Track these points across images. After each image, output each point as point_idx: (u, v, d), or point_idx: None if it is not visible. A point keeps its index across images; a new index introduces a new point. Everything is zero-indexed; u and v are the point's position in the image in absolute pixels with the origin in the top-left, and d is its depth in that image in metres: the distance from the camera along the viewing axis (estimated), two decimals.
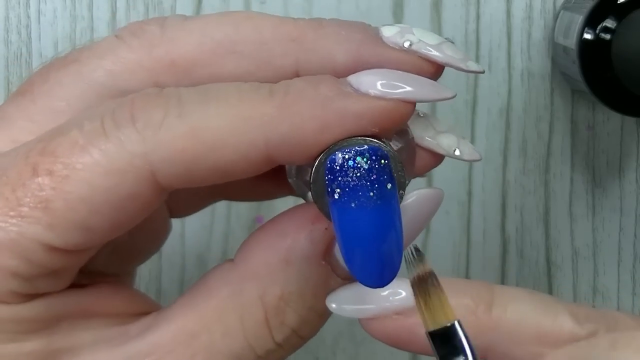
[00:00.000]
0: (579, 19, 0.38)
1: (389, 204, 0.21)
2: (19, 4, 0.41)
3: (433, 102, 0.22)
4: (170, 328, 0.22)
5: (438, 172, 0.42)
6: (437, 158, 0.24)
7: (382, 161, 0.20)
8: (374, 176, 0.20)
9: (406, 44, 0.22)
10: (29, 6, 0.41)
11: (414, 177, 0.23)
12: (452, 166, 0.42)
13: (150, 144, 0.20)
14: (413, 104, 0.21)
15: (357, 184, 0.20)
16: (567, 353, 0.21)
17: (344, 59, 0.22)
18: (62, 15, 0.41)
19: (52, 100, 0.22)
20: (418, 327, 0.22)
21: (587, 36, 0.38)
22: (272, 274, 0.22)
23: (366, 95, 0.21)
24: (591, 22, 0.37)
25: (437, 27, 0.41)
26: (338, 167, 0.20)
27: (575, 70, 0.38)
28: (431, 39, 0.22)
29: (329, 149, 0.21)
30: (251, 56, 0.22)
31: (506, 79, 0.42)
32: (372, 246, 0.20)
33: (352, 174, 0.20)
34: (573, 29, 0.38)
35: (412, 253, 0.22)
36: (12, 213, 0.20)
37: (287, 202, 0.26)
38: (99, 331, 0.22)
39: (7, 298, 0.20)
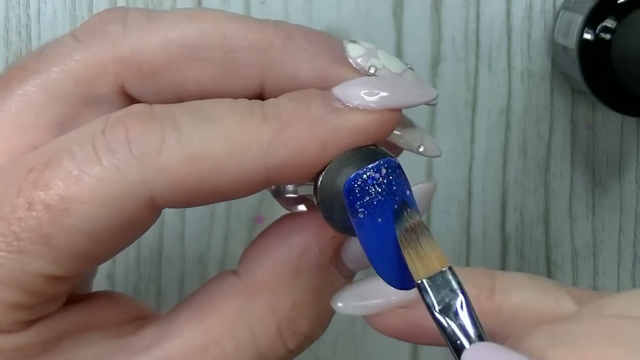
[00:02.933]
0: (579, 19, 0.38)
1: None
2: (19, 4, 0.41)
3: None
4: (179, 342, 0.22)
5: (438, 172, 0.42)
6: (397, 152, 0.24)
7: (397, 170, 0.20)
8: (395, 187, 0.20)
9: (371, 70, 0.22)
10: (29, 6, 0.41)
11: None
12: (453, 166, 0.42)
13: (150, 171, 0.19)
14: (401, 110, 0.21)
15: (381, 200, 0.20)
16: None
17: (309, 76, 0.22)
18: (62, 15, 0.41)
19: (20, 116, 0.21)
20: (422, 319, 0.22)
21: (587, 36, 0.38)
22: (283, 286, 0.22)
23: (357, 109, 0.21)
24: (591, 22, 0.37)
25: (437, 27, 0.41)
26: (358, 188, 0.20)
27: (575, 70, 0.38)
28: (395, 66, 0.22)
29: (329, 166, 0.20)
30: (217, 64, 0.22)
31: (506, 79, 0.42)
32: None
33: (374, 192, 0.20)
34: (573, 29, 0.38)
35: (403, 210, 0.21)
36: (11, 248, 0.19)
37: None
38: (99, 345, 0.22)
39: (11, 328, 0.20)
